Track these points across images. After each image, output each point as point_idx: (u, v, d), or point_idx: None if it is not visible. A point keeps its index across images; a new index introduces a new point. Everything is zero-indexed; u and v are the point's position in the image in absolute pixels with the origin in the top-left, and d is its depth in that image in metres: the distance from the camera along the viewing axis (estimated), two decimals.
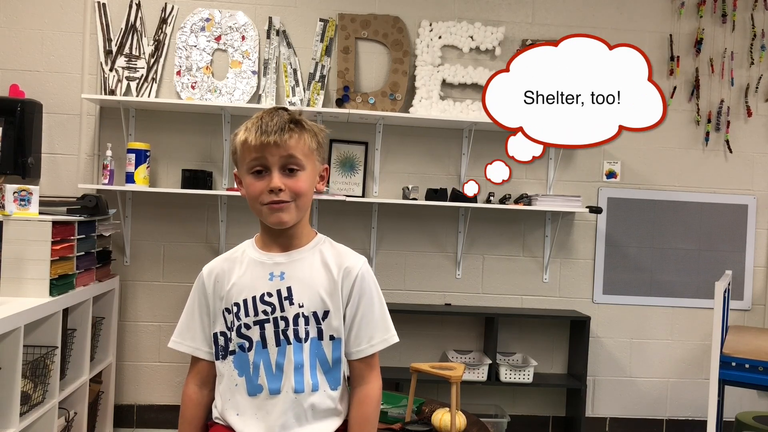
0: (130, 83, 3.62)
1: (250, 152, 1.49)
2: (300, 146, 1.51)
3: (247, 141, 1.49)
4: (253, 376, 1.50)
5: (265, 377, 1.49)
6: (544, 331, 3.90)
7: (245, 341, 1.51)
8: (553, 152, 3.85)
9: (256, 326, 1.50)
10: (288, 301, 1.50)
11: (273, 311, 1.50)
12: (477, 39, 3.79)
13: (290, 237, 1.55)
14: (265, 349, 1.50)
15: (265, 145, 1.47)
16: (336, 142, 3.75)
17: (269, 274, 1.53)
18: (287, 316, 1.49)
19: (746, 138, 3.98)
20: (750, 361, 2.69)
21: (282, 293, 1.51)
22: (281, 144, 1.48)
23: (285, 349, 1.49)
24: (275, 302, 1.50)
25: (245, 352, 1.51)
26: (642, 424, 3.96)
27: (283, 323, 1.49)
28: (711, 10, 3.95)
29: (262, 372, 1.49)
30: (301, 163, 1.51)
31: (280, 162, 1.49)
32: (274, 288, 1.51)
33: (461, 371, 2.33)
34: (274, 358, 1.49)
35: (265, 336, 1.49)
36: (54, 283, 2.71)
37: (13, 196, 2.70)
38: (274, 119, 1.50)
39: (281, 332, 1.49)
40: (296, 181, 1.50)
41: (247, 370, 1.50)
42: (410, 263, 3.82)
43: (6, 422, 2.27)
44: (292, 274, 1.52)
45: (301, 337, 1.50)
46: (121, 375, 3.69)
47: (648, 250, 3.94)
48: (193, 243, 3.73)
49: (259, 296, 1.51)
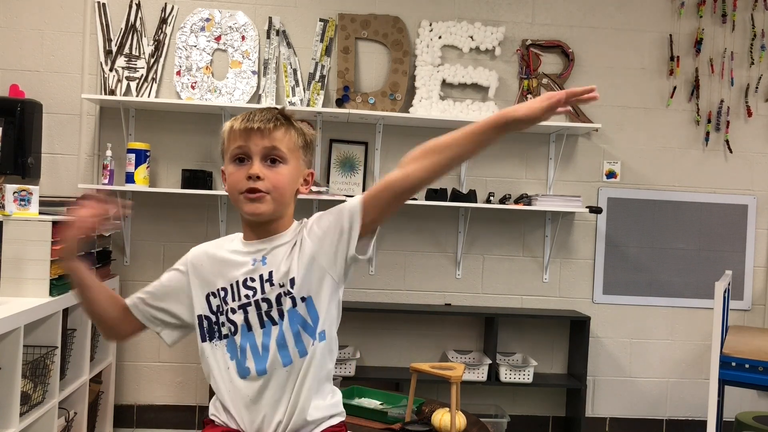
0: (130, 83, 3.62)
1: (235, 140, 1.50)
2: (285, 140, 1.51)
3: (233, 128, 1.51)
4: (241, 359, 1.51)
5: (252, 359, 1.50)
6: (544, 331, 3.90)
7: (231, 325, 1.53)
8: (553, 152, 3.85)
9: (240, 310, 1.52)
10: (269, 283, 1.51)
11: (254, 294, 1.51)
12: (477, 39, 3.79)
13: (270, 231, 1.55)
14: (250, 332, 1.51)
15: (249, 131, 1.48)
16: (336, 142, 3.75)
17: (252, 259, 1.54)
18: (269, 297, 1.50)
19: (746, 138, 3.98)
20: (750, 361, 2.69)
21: (263, 276, 1.52)
22: (265, 132, 1.48)
23: (270, 329, 1.50)
24: (257, 286, 1.51)
25: (231, 336, 1.53)
26: (642, 424, 3.96)
27: (266, 305, 1.50)
28: (711, 10, 3.95)
29: (249, 354, 1.51)
30: (283, 156, 1.51)
31: (263, 152, 1.49)
32: (256, 273, 1.52)
33: (461, 371, 2.33)
34: (260, 340, 1.50)
35: (249, 319, 1.51)
36: (54, 283, 2.72)
37: (13, 196, 2.70)
38: (264, 111, 1.52)
39: (264, 314, 1.50)
40: (276, 174, 1.49)
41: (236, 354, 1.52)
42: (410, 263, 3.82)
43: (6, 422, 2.27)
44: (274, 258, 1.53)
45: (286, 312, 1.50)
46: (121, 375, 3.69)
47: (648, 250, 3.94)
48: (193, 243, 3.65)
49: (242, 281, 1.53)
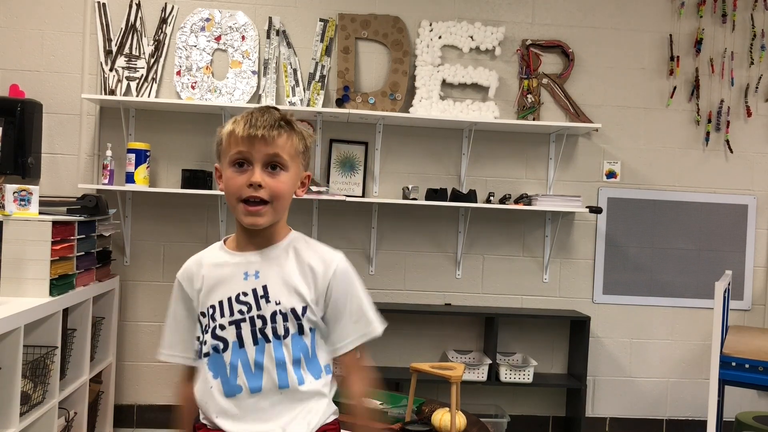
0: (130, 83, 3.62)
1: (236, 144, 1.46)
2: (287, 146, 1.48)
3: (234, 132, 1.46)
4: (230, 377, 1.48)
5: (244, 377, 1.47)
6: (544, 331, 3.90)
7: (220, 342, 1.48)
8: (553, 152, 3.85)
9: (231, 326, 1.48)
10: (264, 299, 1.48)
11: (249, 310, 1.48)
12: (477, 39, 3.79)
13: (266, 237, 1.53)
14: (242, 348, 1.47)
15: (252, 139, 1.45)
16: (336, 142, 3.75)
17: (244, 273, 1.50)
18: (264, 314, 1.47)
19: (746, 138, 3.98)
20: (750, 361, 2.69)
21: (258, 292, 1.49)
22: (268, 140, 1.45)
23: (264, 347, 1.47)
24: (251, 301, 1.48)
25: (220, 353, 1.48)
26: (642, 424, 3.96)
27: (260, 321, 1.47)
28: (711, 10, 3.95)
29: (241, 371, 1.47)
30: (285, 163, 1.48)
31: (265, 159, 1.46)
32: (249, 287, 1.49)
33: (461, 371, 2.33)
34: (252, 357, 1.47)
35: (242, 335, 1.47)
36: (54, 283, 2.71)
37: (13, 196, 2.70)
38: (265, 116, 1.48)
39: (258, 330, 1.47)
40: (277, 181, 1.47)
41: (223, 371, 1.48)
42: (410, 263, 3.82)
43: (6, 422, 2.27)
44: (267, 272, 1.50)
45: (280, 334, 1.47)
46: (121, 375, 3.69)
47: (648, 250, 3.94)
48: (193, 243, 3.72)
49: (234, 296, 1.49)
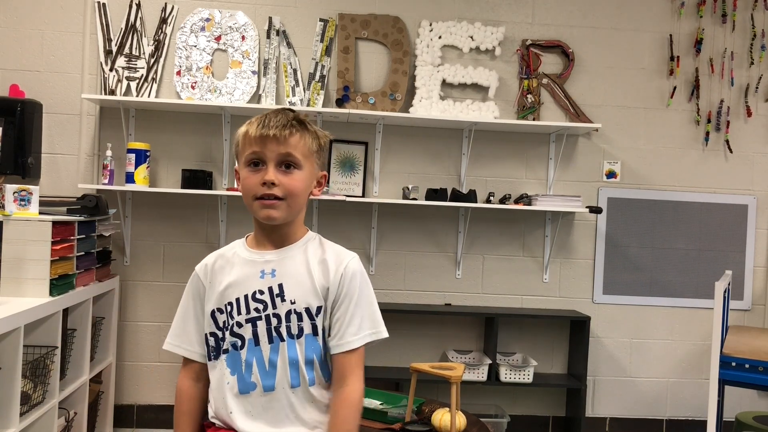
0: (130, 83, 3.62)
1: (250, 145, 1.50)
2: (300, 145, 1.51)
3: (248, 133, 1.50)
4: (245, 374, 1.49)
5: (258, 374, 1.49)
6: (544, 331, 3.90)
7: (238, 339, 1.50)
8: (553, 152, 3.85)
9: (248, 324, 1.50)
10: (279, 298, 1.50)
11: (265, 308, 1.50)
12: (477, 39, 3.79)
13: (283, 235, 1.55)
14: (257, 346, 1.49)
15: (265, 138, 1.48)
16: (336, 142, 3.75)
17: (260, 271, 1.52)
18: (279, 312, 1.49)
19: (746, 138, 3.98)
20: (750, 361, 2.69)
21: (273, 290, 1.50)
22: (281, 139, 1.48)
23: (278, 345, 1.49)
24: (267, 299, 1.50)
25: (238, 350, 1.50)
26: (642, 424, 3.96)
27: (275, 320, 1.49)
28: (711, 10, 3.95)
29: (255, 369, 1.49)
30: (298, 161, 1.51)
31: (278, 158, 1.49)
32: (265, 285, 1.51)
33: (461, 371, 2.33)
34: (267, 355, 1.49)
35: (257, 333, 1.49)
36: (54, 283, 2.71)
37: (13, 196, 2.70)
38: (278, 116, 1.51)
39: (273, 329, 1.49)
40: (291, 179, 1.50)
41: (239, 368, 1.50)
42: (410, 263, 3.82)
43: (6, 422, 2.27)
44: (283, 270, 1.52)
45: (294, 334, 1.49)
46: (121, 375, 3.69)
47: (648, 250, 3.94)
48: (193, 243, 3.73)
49: (251, 294, 1.51)
